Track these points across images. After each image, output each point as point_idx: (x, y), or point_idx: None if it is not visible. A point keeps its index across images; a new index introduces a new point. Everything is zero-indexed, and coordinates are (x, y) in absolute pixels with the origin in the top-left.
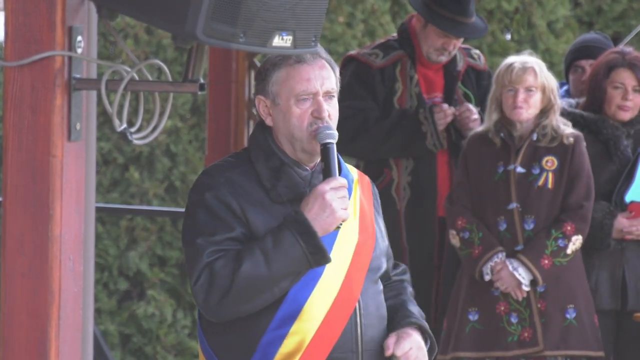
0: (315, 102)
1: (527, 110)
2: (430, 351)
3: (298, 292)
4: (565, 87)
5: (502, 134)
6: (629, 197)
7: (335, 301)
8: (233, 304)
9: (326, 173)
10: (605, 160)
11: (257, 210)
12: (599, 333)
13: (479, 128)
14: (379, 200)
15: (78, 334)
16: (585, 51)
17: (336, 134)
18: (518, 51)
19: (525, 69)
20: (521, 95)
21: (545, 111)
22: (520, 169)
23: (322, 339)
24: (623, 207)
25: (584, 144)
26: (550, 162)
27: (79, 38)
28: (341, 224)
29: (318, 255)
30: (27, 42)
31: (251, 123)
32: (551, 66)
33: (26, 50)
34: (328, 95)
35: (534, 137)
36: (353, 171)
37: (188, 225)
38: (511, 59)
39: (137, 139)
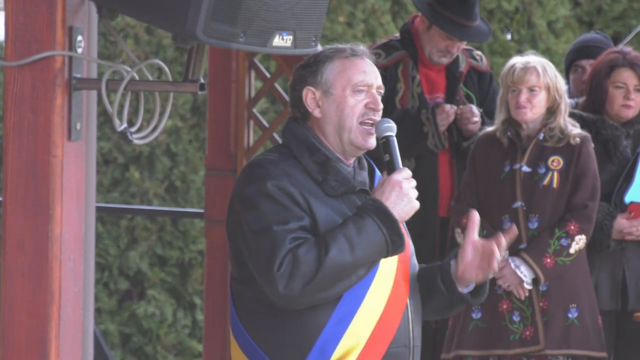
0: (370, 95)
1: (531, 110)
2: None
3: (355, 288)
4: (565, 87)
5: (509, 134)
6: (628, 197)
7: (390, 296)
8: (315, 291)
9: (391, 164)
10: (604, 161)
11: (318, 201)
12: (602, 333)
13: (489, 128)
14: None
15: (78, 333)
16: (585, 51)
17: (394, 126)
18: (519, 51)
19: (526, 69)
20: (524, 96)
21: (552, 111)
22: (526, 168)
23: (380, 334)
24: (623, 207)
25: (592, 144)
26: (556, 161)
27: (79, 38)
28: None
29: (398, 244)
30: (27, 42)
31: (251, 123)
32: None
33: (26, 50)
34: (379, 90)
35: (541, 136)
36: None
37: (254, 215)
38: (515, 59)
39: (137, 139)
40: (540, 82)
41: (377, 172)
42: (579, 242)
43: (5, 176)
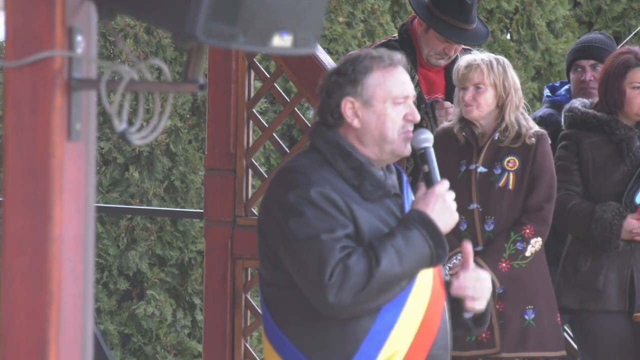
0: (407, 106)
1: (477, 108)
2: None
3: (403, 288)
4: (566, 87)
5: (464, 133)
6: (639, 198)
7: (430, 300)
8: (363, 302)
9: (430, 176)
10: (617, 161)
11: (358, 206)
12: (561, 331)
13: (446, 123)
14: None
15: (78, 334)
16: (586, 51)
17: (432, 137)
18: (518, 51)
19: (470, 67)
20: (469, 93)
21: (503, 109)
22: (481, 169)
23: (422, 338)
24: (633, 208)
25: (548, 143)
26: (512, 162)
27: (79, 38)
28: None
29: (442, 256)
30: (27, 42)
31: (251, 123)
32: (551, 66)
33: (26, 50)
34: (413, 98)
35: (496, 136)
36: None
37: (298, 223)
38: (465, 57)
39: (137, 139)
40: (485, 80)
41: (404, 176)
42: (535, 244)
43: (4, 176)
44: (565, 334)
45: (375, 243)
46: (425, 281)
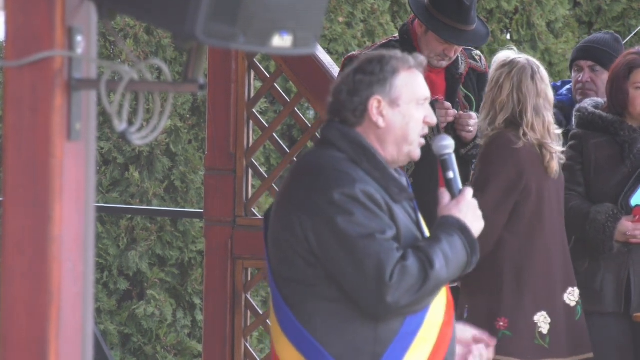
0: (426, 108)
1: None
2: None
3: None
4: (567, 86)
5: None
6: (634, 200)
7: (447, 302)
8: (415, 303)
9: (453, 183)
10: (618, 163)
11: (395, 208)
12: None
13: None
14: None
15: (78, 334)
16: (585, 51)
17: (452, 143)
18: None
19: None
20: None
21: None
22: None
23: (443, 338)
24: (628, 210)
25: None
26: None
27: (79, 38)
28: None
29: (474, 264)
30: (27, 42)
31: (251, 123)
32: (551, 66)
33: (26, 50)
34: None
35: None
36: None
37: (347, 221)
38: None
39: (137, 139)
40: None
41: (407, 179)
42: None
43: (4, 176)
44: None
45: (424, 246)
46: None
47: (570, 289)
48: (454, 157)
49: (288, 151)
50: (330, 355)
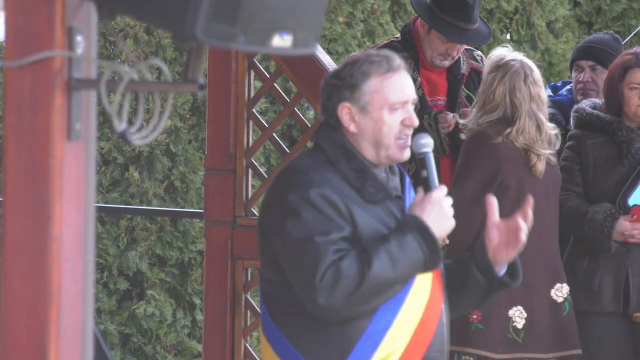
0: (405, 111)
1: None
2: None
3: (396, 292)
4: (568, 86)
5: None
6: (632, 200)
7: (428, 301)
8: (355, 305)
9: (428, 181)
10: (616, 163)
11: (359, 209)
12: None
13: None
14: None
15: (78, 334)
16: (586, 51)
17: (431, 141)
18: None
19: None
20: None
21: None
22: None
23: (418, 339)
24: (626, 210)
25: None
26: None
27: (79, 38)
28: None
29: (436, 262)
30: (27, 42)
31: (251, 123)
32: (551, 66)
33: (26, 50)
34: (413, 102)
35: None
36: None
37: (295, 223)
38: None
39: (137, 139)
40: None
41: (407, 178)
42: None
43: (4, 176)
44: None
45: (369, 247)
46: (424, 283)
47: (558, 285)
48: (431, 155)
49: (288, 151)
50: (300, 355)
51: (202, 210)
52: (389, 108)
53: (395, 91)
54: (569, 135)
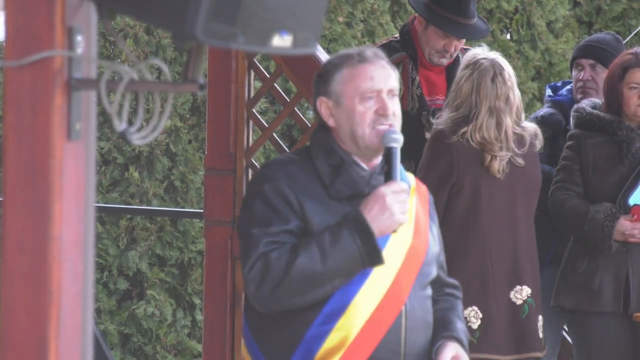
0: (379, 100)
1: None
2: None
3: (346, 289)
4: (568, 86)
5: None
6: (632, 200)
7: (382, 301)
8: (285, 297)
9: (388, 176)
10: (616, 162)
11: (315, 205)
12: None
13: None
14: (435, 209)
15: (78, 334)
16: (586, 50)
17: (401, 138)
18: (518, 51)
19: None
20: None
21: None
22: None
23: (366, 337)
24: (626, 209)
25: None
26: None
27: (79, 38)
28: (397, 228)
29: (373, 257)
30: (27, 42)
31: (251, 123)
32: (550, 66)
33: (26, 50)
34: (391, 93)
35: None
36: (411, 178)
37: (244, 215)
38: None
39: (137, 139)
40: None
41: (408, 181)
42: None
43: (4, 176)
44: (564, 334)
45: (302, 241)
46: (381, 281)
47: (518, 287)
48: (397, 151)
49: (288, 151)
50: (256, 346)
51: (202, 210)
52: (360, 97)
53: (365, 80)
54: (569, 135)
